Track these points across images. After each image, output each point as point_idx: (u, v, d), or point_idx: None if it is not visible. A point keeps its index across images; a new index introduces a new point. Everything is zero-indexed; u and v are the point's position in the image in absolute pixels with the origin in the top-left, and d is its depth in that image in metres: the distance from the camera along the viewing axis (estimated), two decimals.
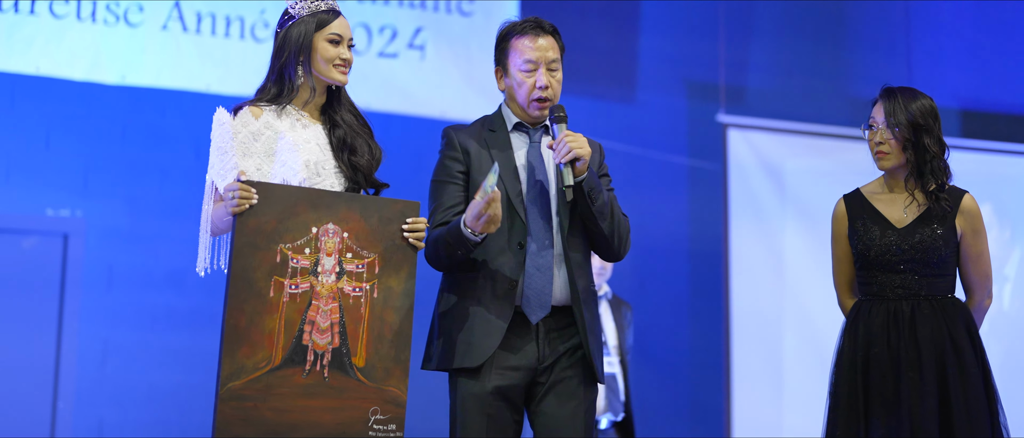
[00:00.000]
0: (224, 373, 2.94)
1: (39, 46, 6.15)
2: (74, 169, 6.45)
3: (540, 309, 3.42)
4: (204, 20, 6.42)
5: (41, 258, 6.31)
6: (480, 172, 3.50)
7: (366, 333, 3.06)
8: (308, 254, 3.03)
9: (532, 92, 3.51)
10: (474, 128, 3.63)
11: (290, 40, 3.33)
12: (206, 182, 3.26)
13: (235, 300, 2.97)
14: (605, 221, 3.45)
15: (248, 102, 3.36)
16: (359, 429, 3.01)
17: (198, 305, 6.59)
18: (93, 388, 6.36)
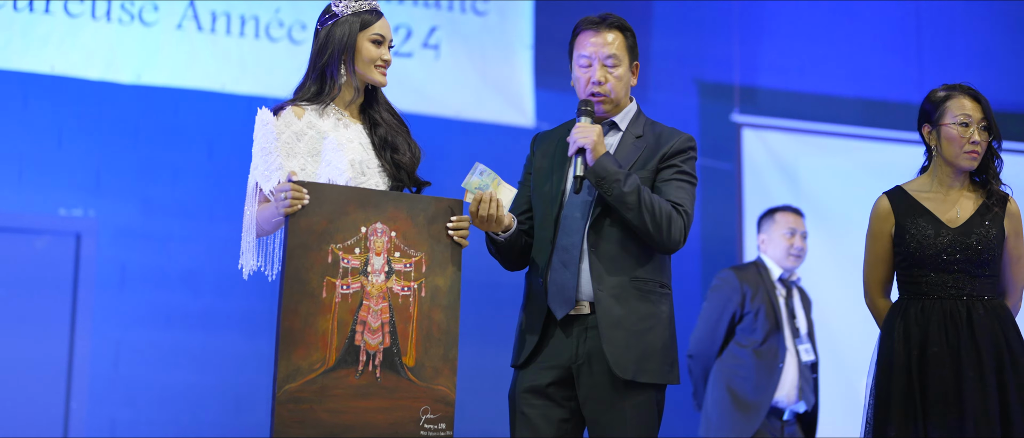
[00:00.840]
0: (280, 375, 2.93)
1: (54, 45, 6.13)
2: (87, 169, 6.44)
3: (564, 304, 3.41)
4: (219, 19, 6.41)
5: (54, 258, 6.30)
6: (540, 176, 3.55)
7: (415, 332, 3.07)
8: (358, 254, 3.03)
9: (586, 87, 3.50)
10: (557, 131, 3.66)
11: (334, 39, 3.32)
12: (248, 183, 3.24)
13: (289, 302, 2.96)
14: (629, 211, 3.36)
15: (289, 102, 3.35)
16: (411, 429, 3.01)
17: (211, 305, 6.58)
18: (106, 388, 6.34)
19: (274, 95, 6.52)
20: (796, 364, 5.55)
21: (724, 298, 5.63)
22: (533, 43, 6.98)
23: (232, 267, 6.50)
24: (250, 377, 6.61)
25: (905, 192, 3.86)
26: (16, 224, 6.26)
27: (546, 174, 3.55)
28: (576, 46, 3.54)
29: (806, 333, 5.66)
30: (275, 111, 3.31)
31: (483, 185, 3.25)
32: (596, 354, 3.40)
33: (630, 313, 3.41)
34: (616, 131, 3.56)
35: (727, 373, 5.55)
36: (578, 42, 3.53)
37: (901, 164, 7.36)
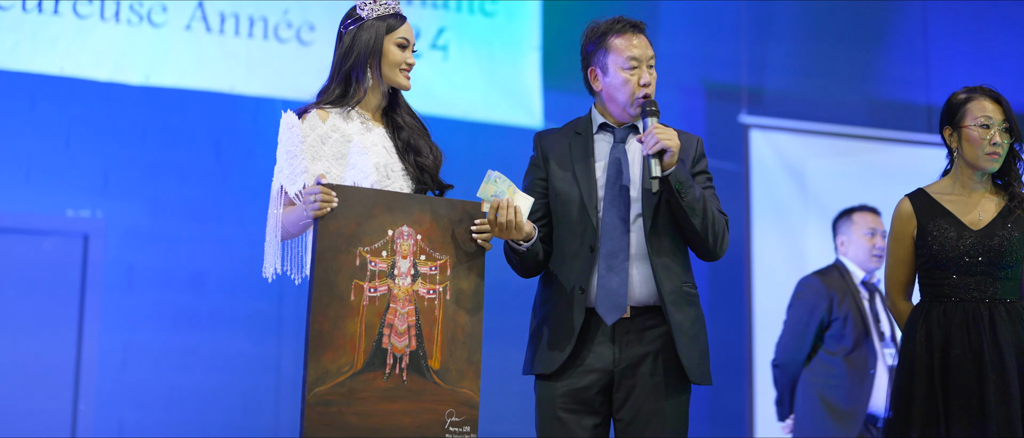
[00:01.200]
0: (310, 378, 2.93)
1: (63, 47, 6.13)
2: (94, 170, 6.43)
3: (615, 310, 3.39)
4: (227, 20, 6.40)
5: (61, 259, 6.29)
6: (559, 179, 3.51)
7: (440, 335, 3.07)
8: (385, 257, 3.04)
9: (636, 91, 3.48)
10: (562, 131, 3.63)
11: (359, 43, 3.32)
12: (273, 186, 3.24)
13: (318, 304, 2.97)
14: (697, 217, 3.40)
15: (313, 105, 3.35)
16: (436, 431, 3.02)
17: (219, 307, 6.58)
18: (113, 390, 6.33)
19: (282, 96, 6.53)
20: (886, 369, 5.42)
21: (810, 305, 5.50)
22: (541, 44, 6.98)
23: (240, 268, 6.61)
24: (258, 379, 6.61)
25: (927, 194, 3.86)
26: (23, 225, 6.25)
27: (566, 177, 3.51)
28: (617, 48, 3.50)
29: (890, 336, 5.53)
30: (300, 114, 3.31)
31: (499, 193, 3.23)
32: (643, 357, 3.41)
33: (685, 318, 3.44)
34: (636, 134, 3.55)
35: (818, 382, 5.43)
36: (619, 44, 3.50)
37: (908, 166, 7.40)
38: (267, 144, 6.55)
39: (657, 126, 3.36)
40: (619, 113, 3.54)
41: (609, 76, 3.53)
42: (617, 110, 3.54)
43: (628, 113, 3.52)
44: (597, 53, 3.56)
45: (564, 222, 3.49)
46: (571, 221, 3.47)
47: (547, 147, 3.57)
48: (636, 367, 3.41)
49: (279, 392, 6.64)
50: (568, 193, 3.49)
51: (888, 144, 7.45)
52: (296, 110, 3.32)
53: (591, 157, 3.51)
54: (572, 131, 3.60)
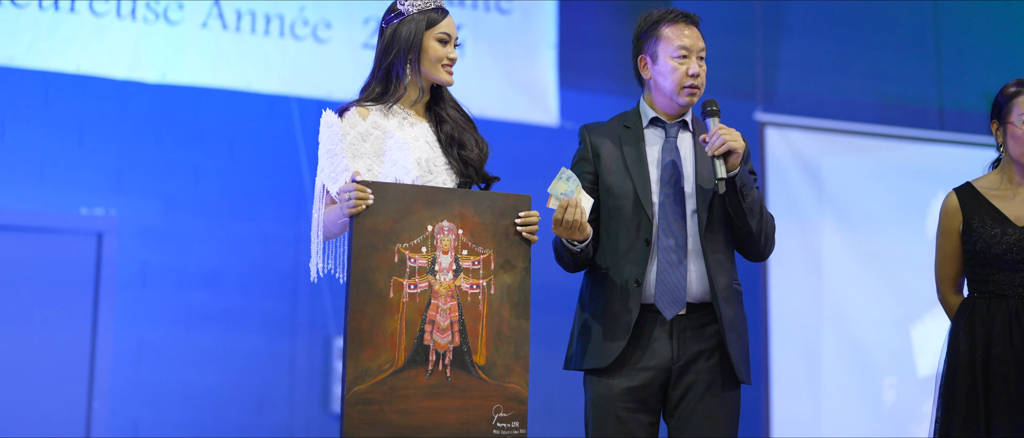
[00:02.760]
0: (349, 377, 2.89)
1: (79, 44, 6.10)
2: (108, 168, 6.41)
3: (674, 305, 3.37)
4: (244, 18, 6.39)
5: (75, 257, 6.27)
6: (610, 173, 3.48)
7: (485, 330, 3.03)
8: (425, 253, 3.00)
9: (684, 80, 3.46)
10: (609, 125, 3.59)
11: (400, 38, 3.29)
12: (316, 185, 3.22)
13: (356, 302, 2.93)
14: (754, 219, 3.41)
15: (353, 102, 3.31)
16: (483, 428, 2.98)
17: (233, 305, 6.56)
18: (128, 388, 6.32)
19: (298, 94, 6.54)
20: None
21: None
22: (557, 42, 6.96)
23: (254, 267, 6.60)
24: (272, 378, 6.59)
25: (974, 189, 3.82)
26: (37, 223, 6.24)
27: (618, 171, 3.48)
28: (668, 37, 3.48)
29: None
30: (339, 112, 3.27)
31: (568, 191, 3.20)
32: (698, 355, 3.40)
33: (735, 315, 3.44)
34: (686, 130, 3.55)
35: None
36: (670, 33, 3.48)
37: (922, 164, 7.39)
38: (281, 142, 6.65)
39: (721, 127, 3.36)
40: (666, 103, 3.52)
41: (658, 64, 3.50)
42: (664, 100, 3.52)
43: (675, 102, 3.50)
44: (648, 41, 3.53)
45: (616, 216, 3.45)
46: (625, 215, 3.44)
47: (595, 141, 3.54)
48: (692, 364, 3.39)
49: (293, 391, 6.62)
50: (621, 187, 3.46)
51: (901, 142, 7.44)
52: (336, 109, 3.29)
53: (644, 151, 3.48)
54: (620, 125, 3.57)
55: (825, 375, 6.96)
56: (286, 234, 6.69)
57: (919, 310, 7.14)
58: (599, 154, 3.51)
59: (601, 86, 7.26)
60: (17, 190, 6.26)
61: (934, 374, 7.03)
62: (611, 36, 7.30)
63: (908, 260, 7.13)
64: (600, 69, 7.28)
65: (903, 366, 7.11)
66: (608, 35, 7.30)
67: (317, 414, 6.65)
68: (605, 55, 7.27)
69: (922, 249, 7.19)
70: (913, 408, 7.07)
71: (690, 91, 3.48)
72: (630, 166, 3.46)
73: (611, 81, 7.24)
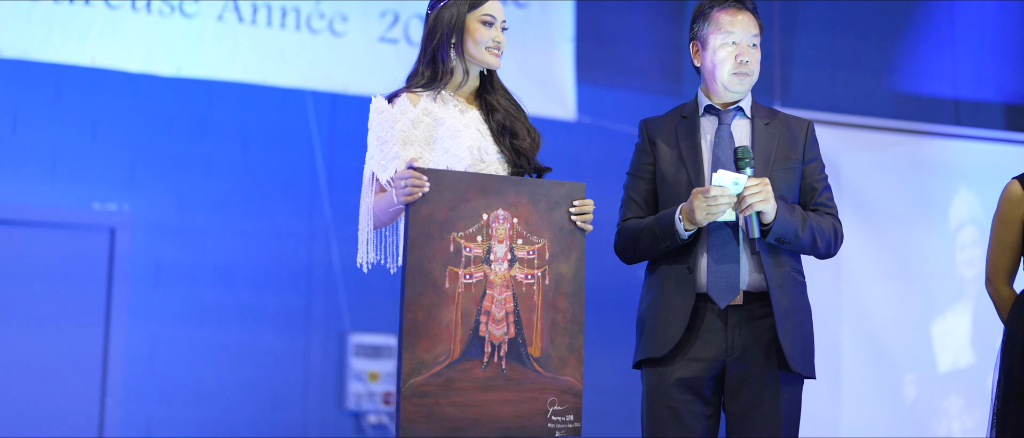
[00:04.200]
0: (405, 369, 2.84)
1: (94, 37, 6.04)
2: (120, 162, 6.36)
3: (728, 293, 3.30)
4: (260, 11, 6.33)
5: (87, 253, 6.24)
6: (666, 163, 3.44)
7: (540, 321, 2.98)
8: (480, 242, 2.95)
9: (732, 66, 3.41)
10: (668, 116, 3.56)
11: (442, 22, 3.23)
12: (364, 173, 3.15)
13: (412, 293, 2.87)
14: (804, 250, 3.39)
15: (403, 89, 3.25)
16: (538, 421, 2.93)
17: (247, 301, 6.52)
18: (141, 385, 6.27)
19: (314, 88, 6.49)
20: None
21: None
22: (575, 36, 6.92)
23: (268, 262, 6.55)
24: (286, 374, 6.56)
25: None
26: (49, 218, 6.20)
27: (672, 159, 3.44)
28: (718, 23, 3.44)
29: None
30: (389, 99, 3.21)
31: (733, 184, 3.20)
32: (754, 346, 3.32)
33: (793, 304, 3.35)
34: (743, 117, 3.50)
35: None
36: (722, 19, 3.44)
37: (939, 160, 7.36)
38: (296, 137, 6.59)
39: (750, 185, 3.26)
40: (718, 91, 3.46)
41: (708, 51, 3.46)
42: (715, 87, 3.46)
43: (726, 90, 3.44)
44: (699, 27, 3.50)
45: (670, 204, 3.40)
46: (678, 202, 3.37)
47: (653, 132, 3.51)
48: (748, 356, 3.32)
49: (308, 388, 6.59)
50: (675, 176, 3.42)
51: (917, 137, 7.40)
52: (386, 95, 3.22)
53: (697, 139, 3.44)
54: (678, 115, 3.53)
55: (844, 372, 6.91)
56: (300, 229, 6.66)
57: (939, 306, 7.11)
58: (656, 144, 3.48)
59: (619, 81, 7.22)
60: (29, 184, 6.21)
61: (954, 370, 7.06)
62: (629, 31, 7.26)
63: (928, 255, 7.10)
64: (618, 64, 7.24)
65: (923, 362, 7.07)
66: (626, 30, 7.26)
67: (332, 411, 6.62)
68: (623, 50, 7.24)
69: (941, 244, 7.20)
70: (933, 405, 7.04)
71: (740, 77, 3.43)
72: (684, 154, 3.43)
73: (629, 76, 7.21)
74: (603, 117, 7.02)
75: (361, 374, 6.60)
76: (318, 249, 6.66)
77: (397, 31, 6.56)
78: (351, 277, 6.64)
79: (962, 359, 7.13)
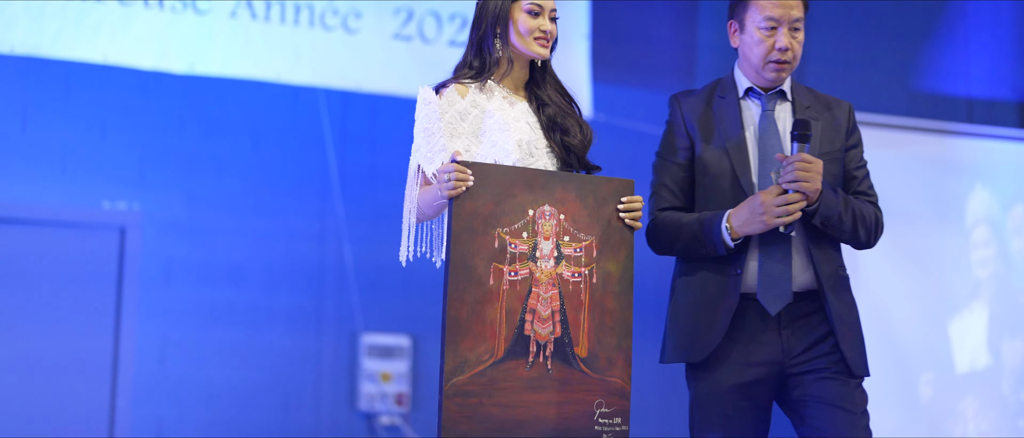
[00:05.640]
0: (448, 367, 2.77)
1: (106, 34, 5.99)
2: (131, 160, 6.32)
3: (780, 298, 3.14)
4: (273, 7, 6.28)
5: (97, 252, 6.19)
6: (708, 151, 3.24)
7: (587, 321, 2.90)
8: (525, 238, 2.88)
9: (770, 53, 3.21)
10: (703, 94, 3.33)
11: (487, 11, 3.17)
12: (410, 165, 3.07)
13: (455, 289, 2.81)
14: (845, 236, 3.22)
15: (451, 79, 3.18)
16: (584, 423, 2.86)
17: (258, 301, 6.47)
18: (152, 386, 6.22)
19: (327, 85, 6.44)
20: None
21: None
22: (590, 34, 6.87)
23: (279, 262, 6.50)
24: (298, 375, 6.51)
25: None
26: (58, 217, 6.15)
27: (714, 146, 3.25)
28: (757, 5, 3.23)
29: None
30: (437, 89, 3.13)
31: None
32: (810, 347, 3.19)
33: (843, 305, 3.23)
34: (784, 101, 3.32)
35: None
36: (759, 3, 3.23)
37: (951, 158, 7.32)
38: (308, 135, 6.54)
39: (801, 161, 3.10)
40: (753, 76, 3.28)
41: (745, 34, 3.26)
42: (751, 72, 3.28)
43: (762, 77, 3.25)
44: (738, 6, 3.29)
45: (712, 196, 3.24)
46: (721, 195, 3.22)
47: (688, 111, 3.30)
48: (807, 359, 3.18)
49: (320, 388, 6.54)
50: (718, 165, 3.24)
51: (930, 135, 7.36)
52: (434, 86, 3.14)
53: (740, 125, 3.25)
54: (714, 94, 3.31)
55: None
56: (312, 229, 6.61)
57: (956, 305, 7.07)
58: (692, 127, 3.28)
59: (634, 79, 7.17)
60: (38, 183, 6.17)
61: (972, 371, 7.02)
62: (644, 29, 7.22)
63: (944, 255, 7.05)
64: (633, 62, 7.20)
65: (940, 363, 7.02)
66: (641, 28, 7.21)
67: (344, 412, 6.57)
68: (638, 48, 7.19)
69: (958, 244, 7.15)
70: (950, 405, 6.99)
71: (777, 67, 3.24)
72: (727, 142, 3.23)
73: (644, 74, 7.16)
74: (617, 115, 6.97)
75: (373, 375, 6.55)
76: (330, 248, 6.61)
77: (411, 28, 6.51)
78: (363, 277, 6.59)
79: (979, 360, 7.09)
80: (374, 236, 6.65)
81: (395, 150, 6.72)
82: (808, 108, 3.29)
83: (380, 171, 6.72)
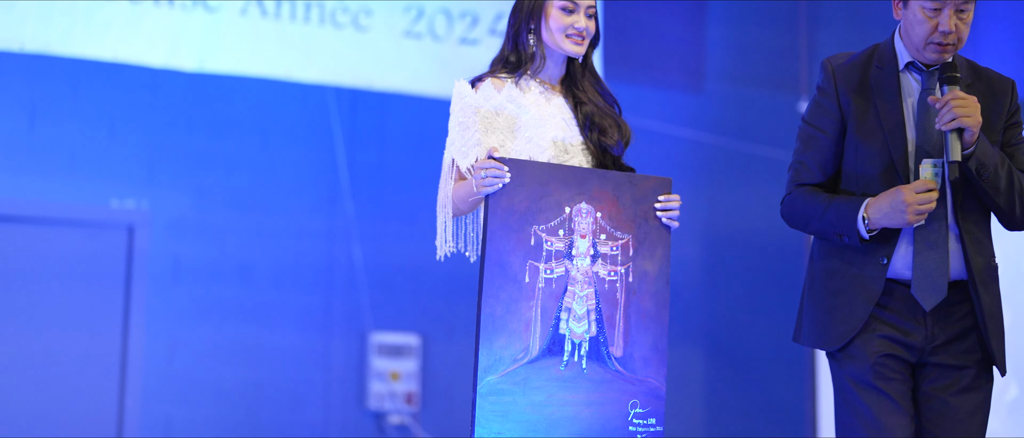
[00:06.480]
0: (482, 365, 2.76)
1: (116, 32, 5.97)
2: (139, 159, 6.30)
3: (936, 293, 2.96)
4: (283, 5, 6.26)
5: (105, 251, 6.18)
6: (860, 126, 3.05)
7: (623, 320, 2.87)
8: (562, 236, 2.85)
9: (932, 35, 2.98)
10: (860, 62, 3.11)
11: (523, 5, 3.14)
12: (444, 159, 3.04)
13: (490, 287, 2.79)
14: (1000, 196, 2.99)
15: (488, 73, 3.14)
16: (619, 423, 2.83)
17: (267, 300, 6.46)
18: (160, 385, 6.21)
19: (337, 83, 6.43)
20: None
21: None
22: (603, 33, 6.84)
23: (288, 261, 6.49)
24: (307, 374, 6.50)
25: None
26: (67, 216, 6.14)
27: (869, 122, 3.05)
28: None
29: None
30: (473, 83, 3.09)
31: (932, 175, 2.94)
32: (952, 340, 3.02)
33: (992, 298, 3.04)
34: None
35: None
36: None
37: None
38: (316, 133, 6.52)
39: (956, 97, 2.90)
40: (914, 52, 3.04)
41: (908, 10, 3.02)
42: (911, 49, 3.04)
43: (922, 57, 3.02)
44: None
45: (864, 181, 3.05)
46: (874, 181, 3.03)
47: (842, 81, 3.09)
48: (946, 351, 3.02)
49: (329, 388, 6.53)
50: (873, 148, 3.05)
51: None
52: (470, 79, 3.11)
53: (899, 105, 3.04)
54: (871, 63, 3.10)
55: None
56: (321, 227, 6.60)
57: None
58: (847, 99, 3.08)
59: (643, 78, 7.16)
60: (46, 182, 6.15)
61: None
62: (654, 29, 7.21)
63: None
64: (646, 61, 7.18)
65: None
66: (651, 28, 7.20)
67: (353, 411, 6.56)
68: (651, 47, 7.18)
69: None
70: None
71: (938, 49, 2.99)
72: (884, 119, 3.04)
73: (653, 72, 7.15)
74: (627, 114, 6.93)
75: (382, 374, 6.53)
76: (339, 247, 6.60)
77: (422, 26, 6.49)
78: (373, 275, 6.58)
79: None
80: (383, 235, 6.64)
81: (405, 148, 6.73)
82: (970, 85, 3.07)
83: (390, 169, 6.70)
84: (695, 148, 7.18)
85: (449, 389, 6.62)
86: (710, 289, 7.21)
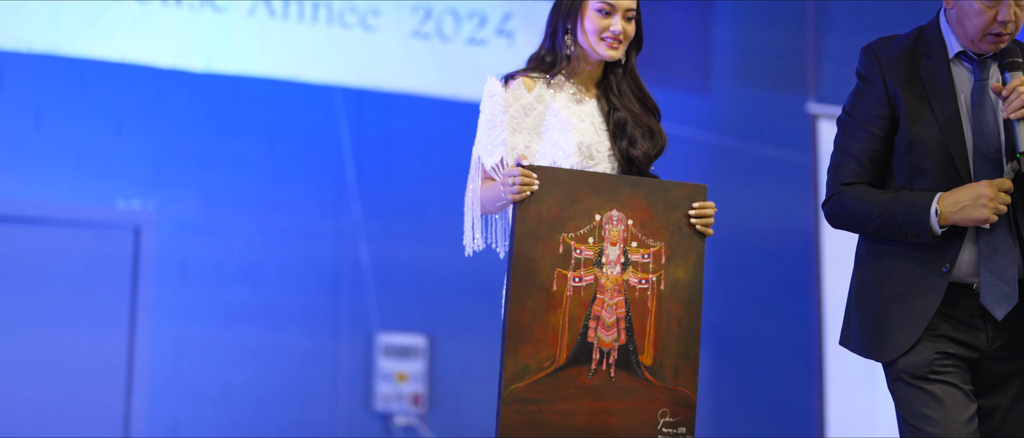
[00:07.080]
0: (507, 373, 2.72)
1: (124, 32, 5.97)
2: (145, 159, 6.28)
3: (1006, 301, 2.80)
4: (291, 5, 6.25)
5: (112, 252, 6.15)
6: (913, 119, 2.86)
7: (653, 329, 2.84)
8: (591, 244, 2.81)
9: (990, 26, 2.83)
10: (906, 48, 2.93)
11: (561, 6, 3.09)
12: (472, 156, 3.01)
13: (517, 295, 2.75)
14: None
15: (520, 71, 3.09)
16: (648, 433, 2.80)
17: (273, 300, 6.45)
18: (166, 386, 6.19)
19: (345, 83, 6.42)
20: None
21: None
22: None
23: (295, 261, 6.47)
24: (313, 375, 6.49)
25: None
26: (73, 216, 6.12)
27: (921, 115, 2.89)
28: None
29: None
30: (505, 80, 3.05)
31: None
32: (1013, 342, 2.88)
33: None
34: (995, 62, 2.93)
35: None
36: None
37: None
38: (323, 133, 6.50)
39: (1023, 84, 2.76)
40: (966, 42, 2.90)
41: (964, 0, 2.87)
42: (963, 39, 2.89)
43: (977, 47, 2.88)
44: None
45: (919, 177, 2.89)
46: (931, 178, 2.88)
47: (890, 72, 2.92)
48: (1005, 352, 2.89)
49: (335, 388, 6.52)
50: (928, 143, 2.88)
51: None
52: (502, 77, 3.06)
53: (953, 97, 2.88)
54: (918, 49, 2.93)
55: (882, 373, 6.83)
56: (328, 228, 6.59)
57: None
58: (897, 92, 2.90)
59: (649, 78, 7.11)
60: (52, 182, 6.14)
61: None
62: (658, 29, 7.18)
63: None
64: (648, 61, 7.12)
65: None
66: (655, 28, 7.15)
67: (359, 412, 6.55)
68: (658, 47, 7.15)
69: None
70: None
71: (995, 40, 2.85)
72: (937, 112, 2.87)
73: (659, 73, 7.12)
74: None
75: (389, 375, 6.52)
76: (346, 248, 6.58)
77: (430, 26, 6.48)
78: (380, 276, 6.56)
79: None
80: (390, 235, 6.63)
81: (412, 149, 6.72)
82: None
83: (397, 170, 6.69)
84: (702, 149, 7.17)
85: (456, 390, 6.61)
86: (717, 289, 7.19)
